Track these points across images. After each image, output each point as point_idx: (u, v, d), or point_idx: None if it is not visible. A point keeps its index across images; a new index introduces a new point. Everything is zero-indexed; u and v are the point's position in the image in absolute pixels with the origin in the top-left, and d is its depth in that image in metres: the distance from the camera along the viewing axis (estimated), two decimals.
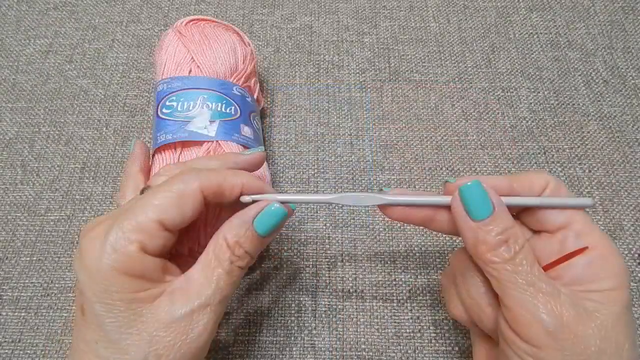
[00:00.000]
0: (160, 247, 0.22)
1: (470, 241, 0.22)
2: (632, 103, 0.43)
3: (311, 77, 0.45)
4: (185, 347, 0.21)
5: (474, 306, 0.24)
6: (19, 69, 0.46)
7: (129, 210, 0.22)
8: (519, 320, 0.21)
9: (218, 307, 0.22)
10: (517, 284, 0.21)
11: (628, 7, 0.48)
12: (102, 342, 0.21)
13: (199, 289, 0.22)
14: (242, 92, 0.35)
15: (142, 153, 0.29)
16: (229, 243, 0.23)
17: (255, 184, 0.24)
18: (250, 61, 0.37)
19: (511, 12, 0.49)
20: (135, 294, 0.21)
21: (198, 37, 0.35)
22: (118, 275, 0.21)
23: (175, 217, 0.22)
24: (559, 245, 0.23)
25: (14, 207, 0.39)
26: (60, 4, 0.50)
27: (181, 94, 0.33)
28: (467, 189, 0.22)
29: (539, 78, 0.44)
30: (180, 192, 0.22)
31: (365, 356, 0.32)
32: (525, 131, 0.41)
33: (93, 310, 0.21)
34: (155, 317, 0.21)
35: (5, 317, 0.34)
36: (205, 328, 0.22)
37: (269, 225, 0.23)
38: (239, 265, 0.23)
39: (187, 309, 0.21)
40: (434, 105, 0.43)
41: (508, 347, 0.22)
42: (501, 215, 0.22)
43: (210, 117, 0.32)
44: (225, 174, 0.24)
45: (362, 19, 0.49)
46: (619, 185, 0.39)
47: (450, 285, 0.27)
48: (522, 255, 0.21)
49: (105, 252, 0.21)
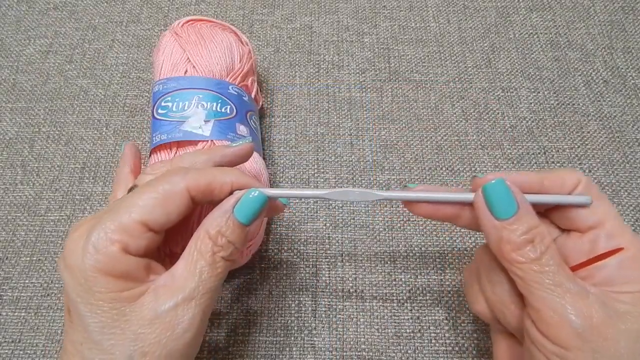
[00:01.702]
0: (144, 247, 0.22)
1: (494, 240, 0.22)
2: (632, 103, 0.43)
3: (311, 77, 0.45)
4: (171, 343, 0.21)
5: (498, 303, 0.24)
6: (19, 69, 0.46)
7: (113, 210, 0.22)
8: (547, 321, 0.20)
9: (203, 301, 0.22)
10: (544, 284, 0.20)
11: (628, 7, 0.48)
12: (86, 344, 0.21)
13: (182, 283, 0.22)
14: (239, 91, 0.35)
15: (132, 154, 0.29)
16: (210, 234, 0.22)
17: (245, 181, 0.24)
18: (247, 60, 0.37)
19: (511, 12, 0.49)
20: (118, 293, 0.21)
21: (194, 38, 0.36)
22: (100, 276, 0.21)
23: (159, 218, 0.22)
24: (589, 245, 0.22)
25: (14, 207, 0.39)
26: (60, 4, 0.50)
27: (176, 94, 0.33)
28: (491, 187, 0.22)
29: (539, 78, 0.44)
30: (166, 192, 0.22)
31: (365, 356, 0.32)
32: (525, 131, 0.41)
33: (77, 311, 0.21)
34: (139, 315, 0.21)
35: (5, 317, 0.34)
36: (191, 323, 0.21)
37: (250, 213, 0.23)
38: (222, 256, 0.22)
39: (170, 304, 0.21)
40: (434, 105, 0.43)
41: (534, 347, 0.21)
42: (526, 214, 0.21)
43: (205, 117, 0.32)
44: (214, 172, 0.23)
45: (362, 19, 0.49)
46: (619, 185, 0.39)
47: (473, 281, 0.26)
48: (549, 256, 0.21)
49: (87, 253, 0.21)
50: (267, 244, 0.37)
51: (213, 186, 0.23)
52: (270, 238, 0.37)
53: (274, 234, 0.37)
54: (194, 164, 0.25)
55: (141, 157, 0.30)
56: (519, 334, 0.24)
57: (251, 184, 0.24)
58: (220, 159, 0.26)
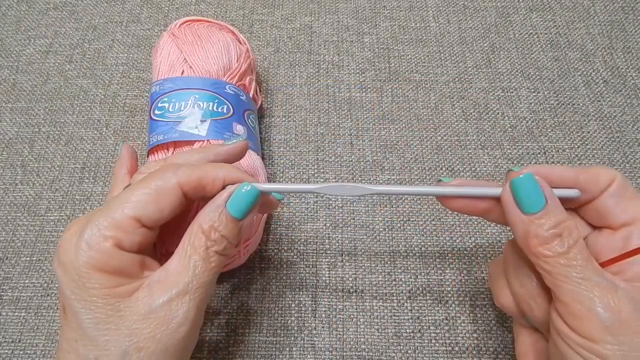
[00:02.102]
0: (137, 243, 0.22)
1: (521, 234, 0.22)
2: (632, 103, 0.43)
3: (311, 77, 0.45)
4: (166, 338, 0.21)
5: (525, 297, 0.24)
6: (19, 69, 0.46)
7: (106, 207, 0.22)
8: (575, 314, 0.20)
9: (197, 295, 0.22)
10: (571, 277, 0.20)
11: (628, 7, 0.48)
12: (81, 340, 0.21)
13: (176, 277, 0.22)
14: (236, 91, 0.35)
15: (129, 156, 0.30)
16: (203, 229, 0.22)
17: (237, 176, 0.24)
18: (245, 59, 0.37)
19: (511, 12, 0.49)
20: (111, 289, 0.21)
21: (191, 38, 0.36)
22: (93, 272, 0.21)
23: (152, 214, 0.22)
24: (622, 242, 0.22)
25: (14, 207, 0.39)
26: (60, 4, 0.50)
27: (173, 95, 0.33)
28: (519, 181, 0.22)
29: (539, 78, 0.44)
30: (158, 188, 0.22)
31: (365, 356, 0.32)
32: (525, 131, 0.41)
33: (72, 308, 0.21)
34: (133, 310, 0.21)
35: (5, 317, 0.34)
36: (185, 317, 0.21)
37: (243, 207, 0.23)
38: (216, 251, 0.23)
39: (164, 298, 0.21)
40: (433, 105, 0.43)
41: (561, 340, 0.21)
42: (554, 208, 0.21)
43: (201, 117, 0.32)
44: (205, 168, 0.24)
45: (362, 19, 0.49)
46: None
47: (500, 275, 0.26)
48: (577, 250, 0.21)
49: (81, 249, 0.21)
50: (267, 244, 0.37)
51: (205, 181, 0.23)
52: (270, 238, 0.37)
53: (274, 234, 0.37)
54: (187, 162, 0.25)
55: (138, 158, 0.30)
56: (544, 329, 0.24)
57: (243, 179, 0.24)
58: (214, 157, 0.26)
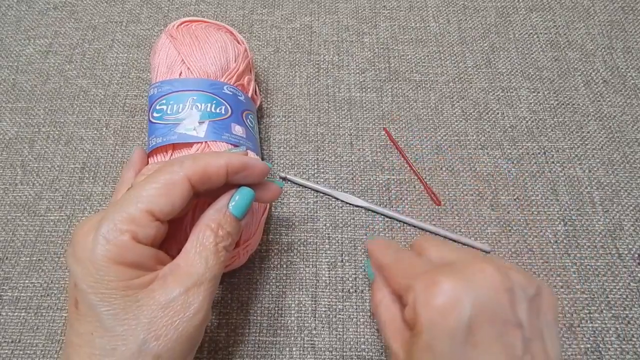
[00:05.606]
0: (152, 236, 0.23)
1: None
2: (632, 103, 0.43)
3: (311, 77, 0.45)
4: (183, 325, 0.22)
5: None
6: (19, 69, 0.46)
7: (119, 203, 0.23)
8: None
9: (209, 287, 0.23)
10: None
11: (628, 7, 0.48)
12: (97, 332, 0.21)
13: (189, 269, 0.23)
14: (234, 91, 0.35)
15: (139, 160, 0.31)
16: (211, 227, 0.24)
17: (239, 160, 0.25)
18: (243, 59, 0.37)
19: (511, 12, 0.49)
20: (129, 281, 0.22)
21: (188, 39, 0.36)
22: (112, 265, 0.22)
23: (164, 207, 0.23)
24: None
25: (14, 207, 0.39)
26: (60, 4, 0.50)
27: (171, 97, 0.33)
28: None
29: (539, 78, 0.44)
30: (167, 182, 0.23)
31: (365, 356, 0.32)
32: (525, 131, 0.41)
33: (87, 301, 0.22)
34: (152, 300, 0.22)
35: (5, 317, 0.34)
36: (201, 306, 0.23)
37: (242, 207, 0.26)
38: (223, 246, 0.24)
39: (182, 289, 0.22)
40: (434, 105, 0.43)
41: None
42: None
43: (199, 118, 0.32)
44: (206, 158, 0.25)
45: (362, 19, 0.49)
46: (619, 185, 0.39)
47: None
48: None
49: (99, 244, 0.22)
50: (267, 244, 0.37)
51: (209, 170, 0.24)
52: (270, 238, 0.37)
53: (274, 234, 0.37)
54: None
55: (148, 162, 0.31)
56: None
57: (245, 162, 0.25)
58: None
